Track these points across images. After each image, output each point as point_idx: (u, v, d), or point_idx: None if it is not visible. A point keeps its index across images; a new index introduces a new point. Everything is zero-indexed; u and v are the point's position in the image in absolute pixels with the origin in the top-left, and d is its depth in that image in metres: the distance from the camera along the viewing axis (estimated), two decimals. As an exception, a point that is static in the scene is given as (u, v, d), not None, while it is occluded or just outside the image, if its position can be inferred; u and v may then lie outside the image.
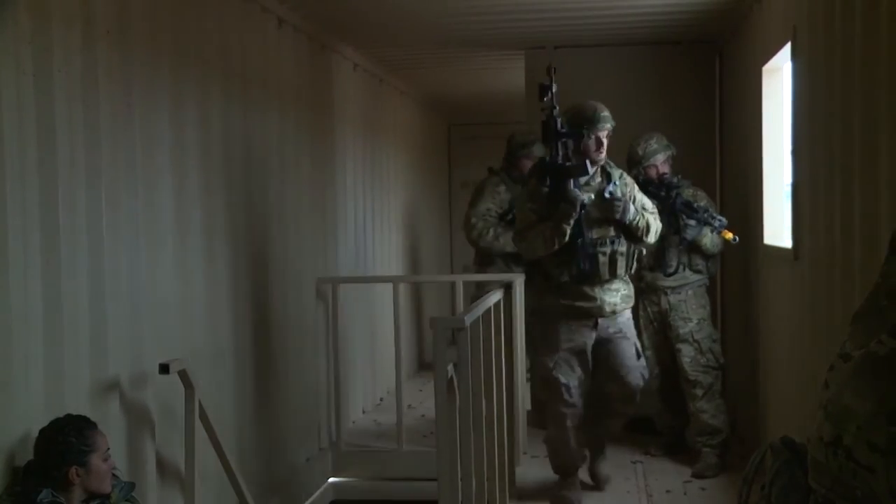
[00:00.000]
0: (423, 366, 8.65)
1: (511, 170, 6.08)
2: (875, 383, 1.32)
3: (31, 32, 3.03)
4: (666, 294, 5.25)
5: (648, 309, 5.31)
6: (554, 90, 4.19)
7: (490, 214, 6.04)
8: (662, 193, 5.10)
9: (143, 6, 3.71)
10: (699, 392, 5.16)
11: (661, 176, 5.18)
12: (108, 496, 2.99)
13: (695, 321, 5.21)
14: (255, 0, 4.83)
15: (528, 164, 5.67)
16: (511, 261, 5.93)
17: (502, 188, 6.05)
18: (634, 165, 5.22)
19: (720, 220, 5.02)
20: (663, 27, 6.04)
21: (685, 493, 4.86)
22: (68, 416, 2.96)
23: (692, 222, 5.10)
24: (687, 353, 5.19)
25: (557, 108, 4.21)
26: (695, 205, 5.10)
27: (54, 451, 2.87)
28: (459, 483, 3.54)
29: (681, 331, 5.22)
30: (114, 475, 3.06)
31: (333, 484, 5.82)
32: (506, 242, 5.86)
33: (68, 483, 2.87)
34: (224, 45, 4.47)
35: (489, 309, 4.19)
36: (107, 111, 3.43)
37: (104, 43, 3.43)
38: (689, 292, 5.23)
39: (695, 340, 5.19)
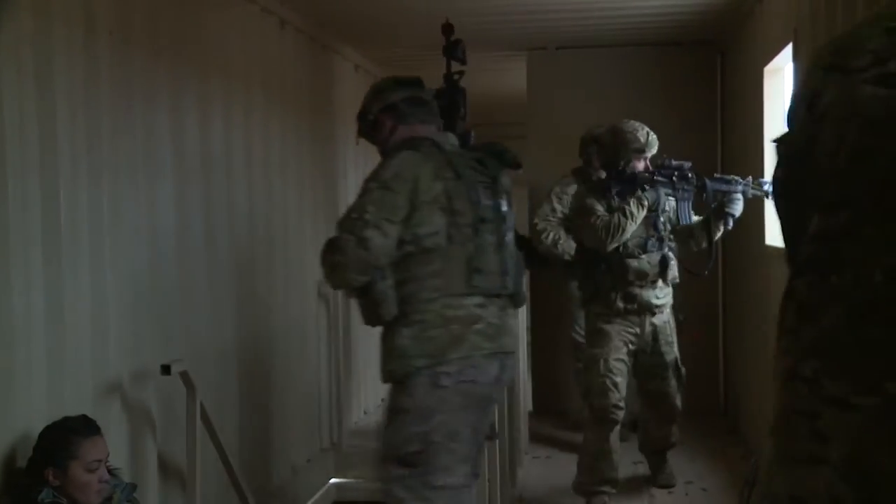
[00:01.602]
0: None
1: (586, 168, 5.50)
2: None
3: (32, 33, 3.03)
4: (652, 314, 4.54)
5: (627, 333, 4.53)
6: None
7: (554, 215, 5.62)
8: (674, 178, 4.46)
9: (144, 7, 3.71)
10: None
11: (651, 169, 4.48)
12: (106, 490, 2.97)
13: (675, 345, 4.65)
14: (256, 1, 4.83)
15: (594, 160, 5.25)
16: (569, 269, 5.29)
17: (572, 188, 5.34)
18: (627, 153, 4.48)
19: (765, 182, 4.33)
20: (665, 28, 6.05)
21: (686, 494, 4.85)
22: (68, 418, 2.96)
23: (737, 196, 4.37)
24: (673, 385, 4.61)
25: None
26: (727, 176, 4.53)
27: (37, 448, 2.87)
28: (461, 484, 3.54)
29: (667, 357, 4.59)
30: (114, 474, 3.04)
31: (335, 484, 5.82)
32: (566, 249, 5.45)
33: (46, 483, 2.85)
34: (225, 46, 4.48)
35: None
36: (108, 112, 3.44)
37: (105, 44, 3.43)
38: (667, 310, 4.62)
39: (676, 369, 4.63)
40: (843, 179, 1.24)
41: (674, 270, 4.62)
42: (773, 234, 4.98)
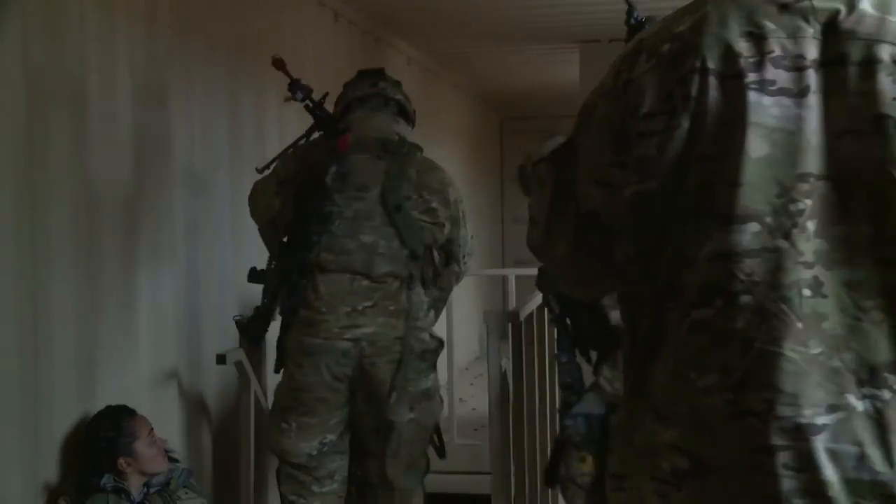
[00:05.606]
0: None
1: None
2: None
3: (97, 28, 3.09)
4: None
5: None
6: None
7: None
8: None
9: (201, 1, 3.77)
10: None
11: None
12: (163, 476, 3.03)
13: None
14: (312, -6, 4.87)
15: None
16: None
17: None
18: None
19: None
20: (720, 20, 5.98)
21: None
22: (108, 409, 3.01)
23: None
24: None
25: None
26: None
27: (100, 448, 2.94)
28: (512, 478, 3.55)
29: None
30: (172, 458, 3.11)
31: (384, 475, 5.84)
32: None
33: (121, 472, 2.94)
34: (280, 39, 4.51)
35: (543, 302, 4.17)
36: (167, 105, 3.49)
37: (165, 37, 3.49)
38: None
39: None
40: None
41: None
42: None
